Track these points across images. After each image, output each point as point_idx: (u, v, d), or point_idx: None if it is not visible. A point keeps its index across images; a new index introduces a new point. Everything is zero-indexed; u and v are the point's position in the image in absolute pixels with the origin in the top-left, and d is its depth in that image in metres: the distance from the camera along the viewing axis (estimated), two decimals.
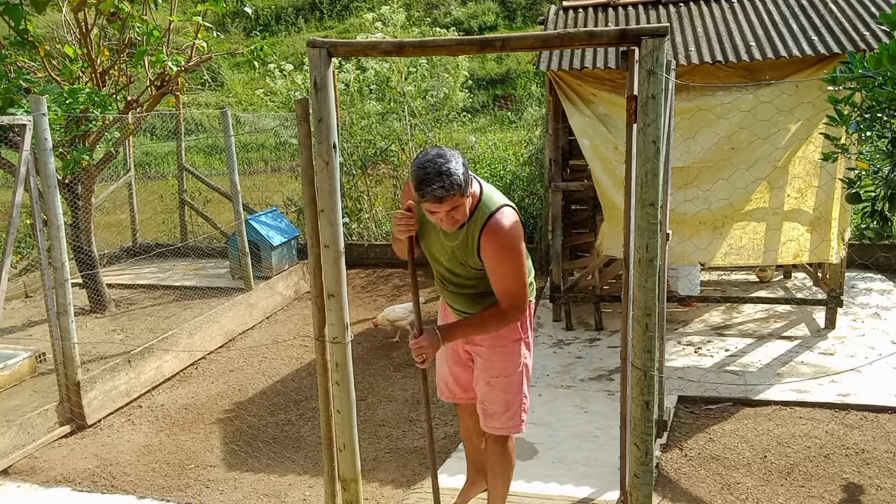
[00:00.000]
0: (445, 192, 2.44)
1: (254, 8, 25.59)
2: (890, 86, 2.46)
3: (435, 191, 2.43)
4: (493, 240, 2.60)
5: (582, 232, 6.52)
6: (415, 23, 13.01)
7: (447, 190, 2.44)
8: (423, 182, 2.45)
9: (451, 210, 2.51)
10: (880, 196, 2.67)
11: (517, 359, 2.90)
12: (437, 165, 2.44)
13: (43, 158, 4.57)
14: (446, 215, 2.54)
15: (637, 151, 2.41)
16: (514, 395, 2.92)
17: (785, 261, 5.41)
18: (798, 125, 5.06)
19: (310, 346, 6.07)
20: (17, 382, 5.33)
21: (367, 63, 9.49)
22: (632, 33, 2.34)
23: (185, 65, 6.74)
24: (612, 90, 5.39)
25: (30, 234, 7.58)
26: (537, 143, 9.30)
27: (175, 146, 9.18)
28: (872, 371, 4.92)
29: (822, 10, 5.49)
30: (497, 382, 2.90)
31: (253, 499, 3.93)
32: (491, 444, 3.03)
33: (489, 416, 2.96)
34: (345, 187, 9.28)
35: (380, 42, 2.67)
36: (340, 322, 2.82)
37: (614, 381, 5.01)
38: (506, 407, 2.92)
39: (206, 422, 4.91)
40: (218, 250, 8.92)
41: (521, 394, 2.94)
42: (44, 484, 4.18)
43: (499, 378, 2.90)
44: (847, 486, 3.67)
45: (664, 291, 4.05)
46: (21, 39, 5.95)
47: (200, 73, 17.66)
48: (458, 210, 2.54)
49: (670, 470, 3.90)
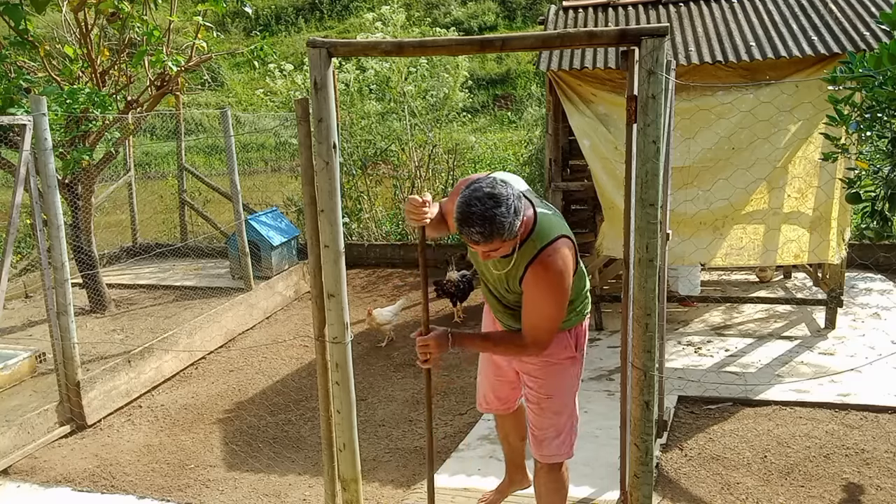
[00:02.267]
0: (484, 238, 2.30)
1: (254, 8, 25.57)
2: (890, 86, 2.46)
3: (473, 235, 2.30)
4: (538, 275, 2.44)
5: (582, 232, 6.52)
6: (415, 23, 13.01)
7: (486, 238, 2.30)
8: (463, 221, 2.30)
9: (487, 250, 2.39)
10: (880, 196, 2.67)
11: (569, 379, 2.75)
12: (483, 208, 2.26)
13: (43, 158, 4.57)
14: (483, 253, 2.43)
15: (637, 151, 2.41)
16: (567, 417, 2.77)
17: (785, 261, 5.41)
18: (798, 125, 5.06)
19: (310, 346, 6.07)
20: (17, 382, 5.33)
21: (367, 63, 9.50)
22: (632, 33, 2.34)
23: (185, 65, 6.74)
24: (612, 90, 5.39)
25: (30, 234, 7.58)
26: (537, 143, 9.30)
27: (175, 146, 9.18)
28: (872, 371, 4.92)
29: (822, 10, 5.49)
30: (549, 405, 2.74)
31: (253, 499, 3.93)
32: (544, 474, 2.85)
33: (540, 442, 2.80)
34: (345, 187, 9.28)
35: (380, 42, 2.67)
36: (340, 322, 2.82)
37: (614, 381, 5.01)
38: (557, 431, 2.77)
39: (206, 422, 4.91)
40: (218, 250, 8.92)
41: (574, 416, 2.80)
42: (44, 484, 4.18)
43: (551, 399, 2.73)
44: (847, 486, 3.67)
45: (664, 291, 4.05)
46: (21, 39, 5.95)
47: (200, 73, 17.65)
48: (499, 251, 2.41)
49: (670, 470, 3.90)
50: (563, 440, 2.78)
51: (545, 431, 2.77)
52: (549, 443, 2.79)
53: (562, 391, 2.73)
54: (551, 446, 2.79)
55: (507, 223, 2.28)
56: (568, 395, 2.75)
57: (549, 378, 2.72)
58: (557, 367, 2.72)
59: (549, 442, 2.78)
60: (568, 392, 2.75)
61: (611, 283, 6.41)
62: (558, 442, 2.78)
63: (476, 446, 4.22)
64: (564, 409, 2.75)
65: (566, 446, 2.80)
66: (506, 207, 2.28)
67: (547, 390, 2.73)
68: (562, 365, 2.72)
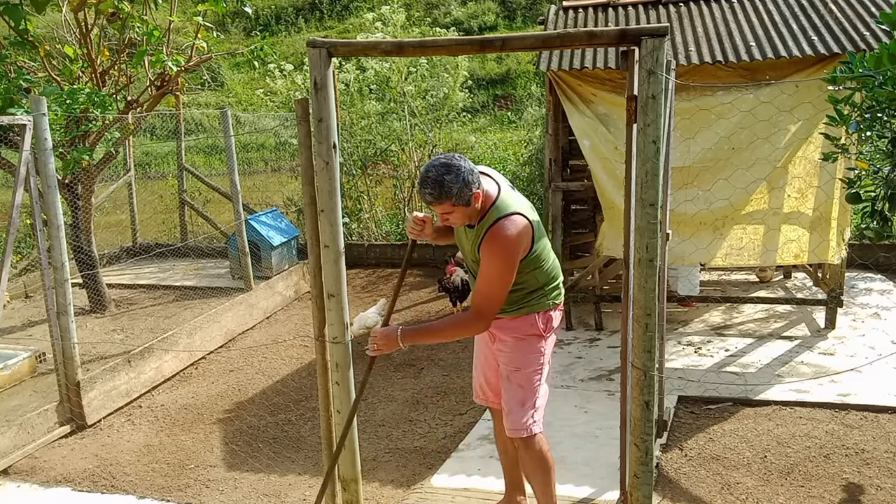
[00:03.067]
0: (434, 198, 2.70)
1: (254, 8, 25.58)
2: (890, 86, 2.46)
3: (425, 195, 2.72)
4: (491, 241, 2.76)
5: (582, 232, 6.52)
6: (415, 23, 13.02)
7: (435, 198, 2.70)
8: (421, 183, 2.74)
9: (443, 213, 2.78)
10: (880, 196, 2.67)
11: (535, 354, 2.98)
12: (436, 174, 2.68)
13: (43, 158, 4.57)
14: (441, 218, 2.84)
15: (637, 151, 2.41)
16: (531, 391, 2.99)
17: (785, 261, 5.41)
18: (798, 125, 5.06)
19: (310, 346, 6.07)
20: (17, 382, 5.33)
21: (367, 63, 9.49)
22: (632, 33, 2.35)
23: (185, 65, 6.74)
24: (612, 90, 5.39)
25: (30, 234, 7.58)
26: (537, 143, 9.30)
27: (175, 146, 9.18)
28: (872, 371, 4.92)
29: (822, 10, 5.49)
30: (515, 377, 2.99)
31: (253, 499, 3.93)
32: (522, 450, 3.07)
33: (508, 414, 3.03)
34: (345, 187, 9.28)
35: (380, 42, 2.67)
36: (340, 322, 2.82)
37: (614, 381, 5.02)
38: (521, 402, 2.98)
39: (206, 422, 4.91)
40: (218, 250, 8.92)
41: (537, 394, 3.01)
42: (44, 484, 4.18)
43: (518, 372, 2.98)
44: (847, 486, 3.67)
45: (664, 291, 4.05)
46: (21, 39, 5.95)
47: (200, 73, 17.66)
48: (453, 215, 2.78)
49: (670, 470, 3.90)
50: (527, 411, 2.98)
51: (510, 403, 3.01)
52: (514, 413, 2.99)
53: (527, 365, 2.98)
54: (516, 416, 2.99)
55: (455, 189, 2.67)
56: (533, 371, 2.99)
57: (516, 352, 2.98)
58: (524, 343, 2.97)
59: (514, 412, 2.99)
60: (533, 367, 2.99)
61: (611, 283, 6.41)
62: (522, 412, 2.98)
63: (476, 446, 4.22)
64: (528, 383, 2.99)
65: (530, 419, 2.99)
66: (455, 175, 2.67)
67: (515, 363, 2.99)
68: (528, 340, 2.97)
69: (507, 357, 3.01)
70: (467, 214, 2.79)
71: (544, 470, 3.06)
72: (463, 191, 2.68)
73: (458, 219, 2.81)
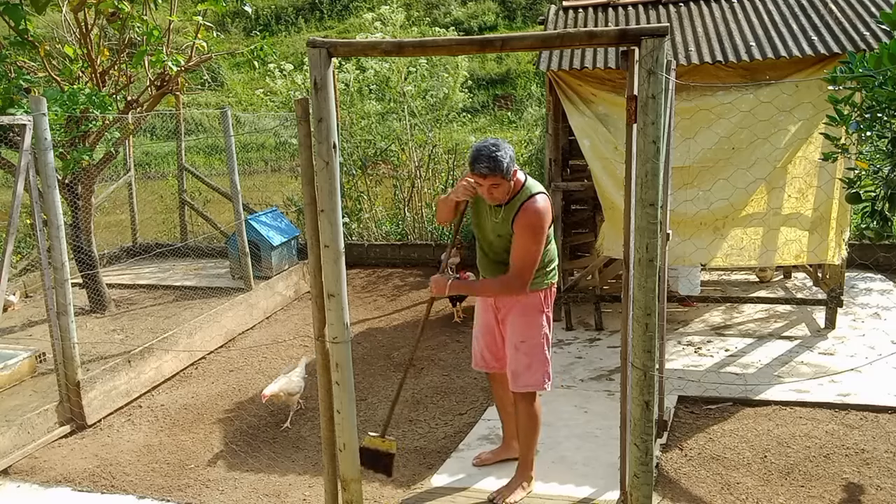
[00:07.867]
0: (489, 171, 3.13)
1: (254, 8, 25.60)
2: (890, 86, 2.46)
3: (481, 168, 3.14)
4: (526, 215, 3.24)
5: (582, 232, 6.52)
6: (415, 23, 13.03)
7: (491, 170, 3.13)
8: (474, 160, 3.16)
9: (491, 186, 3.20)
10: (880, 196, 2.67)
11: (539, 328, 3.47)
12: (489, 150, 3.14)
13: (43, 158, 4.57)
14: (487, 190, 3.22)
15: (637, 151, 2.41)
16: (537, 357, 3.47)
17: (785, 261, 5.40)
18: (798, 125, 5.06)
19: (310, 346, 6.07)
20: (17, 382, 5.33)
21: (367, 63, 9.49)
22: (632, 33, 2.35)
23: (185, 65, 6.74)
24: (612, 90, 5.39)
25: (30, 234, 7.58)
26: (537, 143, 9.30)
27: (175, 146, 9.18)
28: (872, 371, 4.92)
29: (822, 10, 5.49)
30: (522, 347, 3.46)
31: (253, 499, 3.93)
32: (519, 404, 3.54)
33: (515, 376, 3.49)
34: (345, 187, 9.28)
35: (380, 42, 2.67)
36: (340, 322, 2.82)
37: (614, 381, 5.02)
38: (528, 366, 3.46)
39: (206, 422, 4.91)
40: (218, 250, 8.92)
41: (544, 357, 3.49)
42: (44, 484, 4.18)
43: (524, 342, 3.46)
44: (847, 486, 3.67)
45: (664, 291, 4.05)
46: (21, 39, 5.95)
47: (200, 73, 17.67)
48: (498, 188, 3.21)
49: (670, 470, 3.90)
50: (534, 372, 3.48)
51: (518, 366, 3.49)
52: (521, 375, 3.48)
53: (532, 336, 3.47)
54: (524, 377, 3.48)
55: (504, 163, 3.14)
56: (537, 342, 3.48)
57: (524, 326, 3.47)
58: (530, 318, 3.47)
59: (521, 374, 3.48)
60: (537, 338, 3.48)
61: (611, 283, 6.41)
62: (529, 373, 3.47)
63: (476, 446, 4.21)
64: (533, 351, 3.48)
65: (536, 378, 3.48)
66: (504, 153, 3.16)
67: (522, 335, 3.48)
68: (533, 316, 3.47)
69: (515, 329, 3.48)
70: (506, 190, 3.23)
71: (533, 425, 3.56)
72: (510, 166, 3.17)
73: (502, 193, 3.23)
